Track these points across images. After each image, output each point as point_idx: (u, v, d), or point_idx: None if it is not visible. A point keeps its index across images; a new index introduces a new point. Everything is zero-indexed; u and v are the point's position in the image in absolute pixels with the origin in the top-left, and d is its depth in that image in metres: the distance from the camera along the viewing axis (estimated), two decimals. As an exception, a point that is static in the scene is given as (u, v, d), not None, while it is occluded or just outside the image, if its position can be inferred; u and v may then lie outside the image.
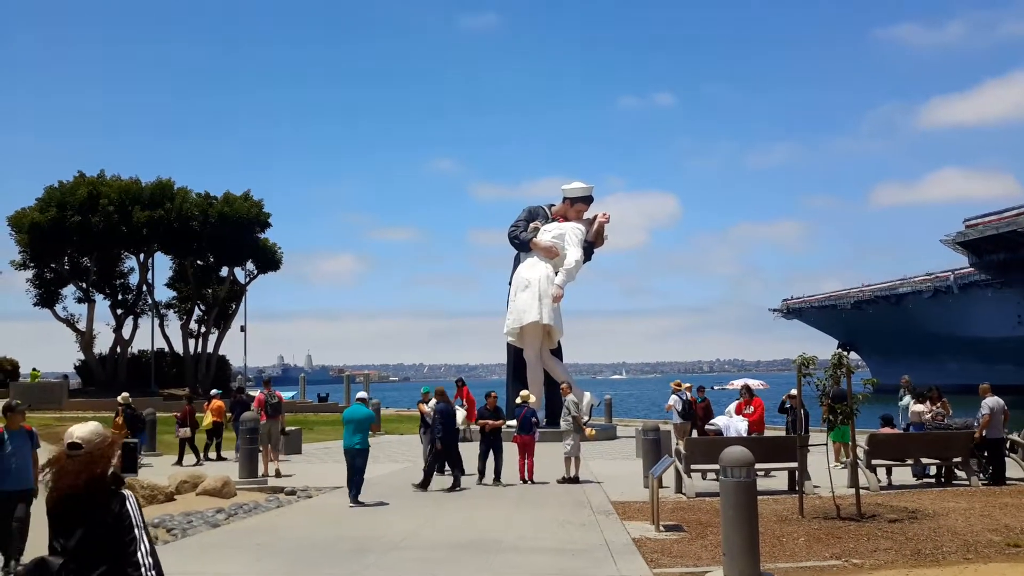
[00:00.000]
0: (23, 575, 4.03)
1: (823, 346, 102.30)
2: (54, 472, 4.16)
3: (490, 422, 16.29)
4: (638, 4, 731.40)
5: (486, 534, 11.10)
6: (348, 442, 14.07)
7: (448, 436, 15.62)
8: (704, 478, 15.35)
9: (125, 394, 22.52)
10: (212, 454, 21.81)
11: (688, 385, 22.46)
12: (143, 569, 3.95)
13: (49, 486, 4.15)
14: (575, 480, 16.04)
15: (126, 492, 4.13)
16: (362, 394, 14.74)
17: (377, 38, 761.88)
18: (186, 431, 21.22)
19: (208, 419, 21.63)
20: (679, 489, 14.64)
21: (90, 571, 3.96)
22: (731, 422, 17.63)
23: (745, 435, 16.57)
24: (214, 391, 24.22)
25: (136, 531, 4.04)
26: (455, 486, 15.30)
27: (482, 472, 16.05)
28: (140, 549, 3.99)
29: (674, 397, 21.67)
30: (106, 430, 4.30)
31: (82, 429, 4.23)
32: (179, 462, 20.44)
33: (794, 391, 15.21)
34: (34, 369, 49.54)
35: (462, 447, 18.59)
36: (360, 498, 13.79)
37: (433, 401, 16.13)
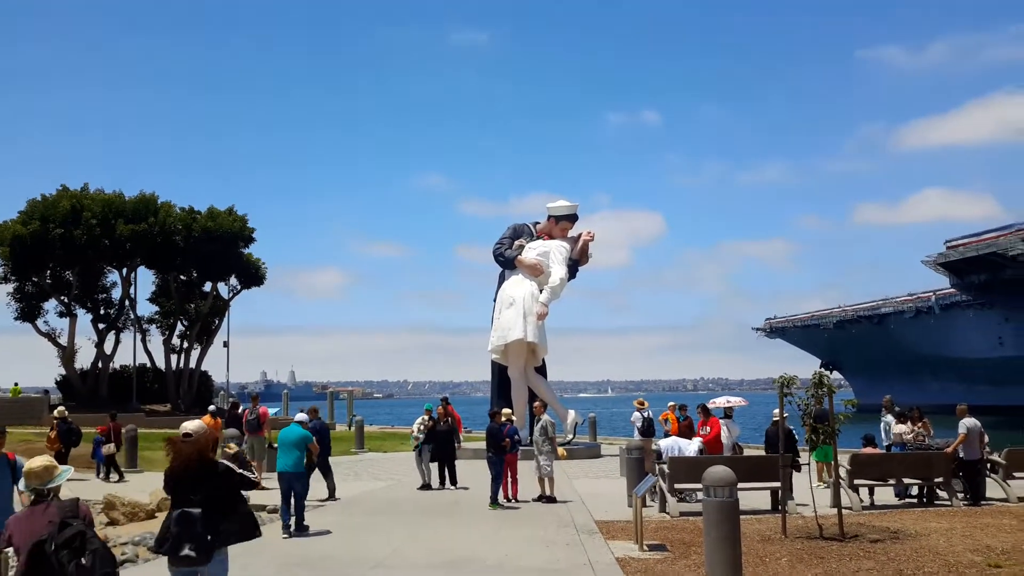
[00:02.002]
0: (174, 522, 5.98)
1: (806, 365, 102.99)
2: (173, 452, 6.25)
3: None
4: (625, 22, 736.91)
5: (470, 553, 11.09)
6: (281, 464, 13.03)
7: (324, 451, 16.03)
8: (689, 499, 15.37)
9: (61, 408, 22.74)
10: None
11: (672, 404, 22.62)
12: (246, 501, 6.46)
13: (169, 460, 6.26)
14: (551, 499, 16.01)
15: (221, 460, 6.48)
16: (301, 416, 13.90)
17: (365, 53, 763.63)
18: (110, 447, 21.12)
19: None
20: (663, 508, 14.67)
21: (216, 510, 6.04)
22: (675, 443, 17.51)
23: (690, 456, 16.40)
24: (211, 407, 24.29)
25: (236, 477, 6.36)
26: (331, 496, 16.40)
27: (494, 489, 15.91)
28: (240, 490, 6.39)
29: (636, 414, 22.25)
30: (205, 425, 6.54)
31: (191, 424, 6.48)
32: (106, 477, 20.50)
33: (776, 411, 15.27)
34: (15, 384, 49.13)
35: (457, 464, 18.73)
36: (340, 515, 13.56)
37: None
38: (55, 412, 21.86)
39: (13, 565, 5.18)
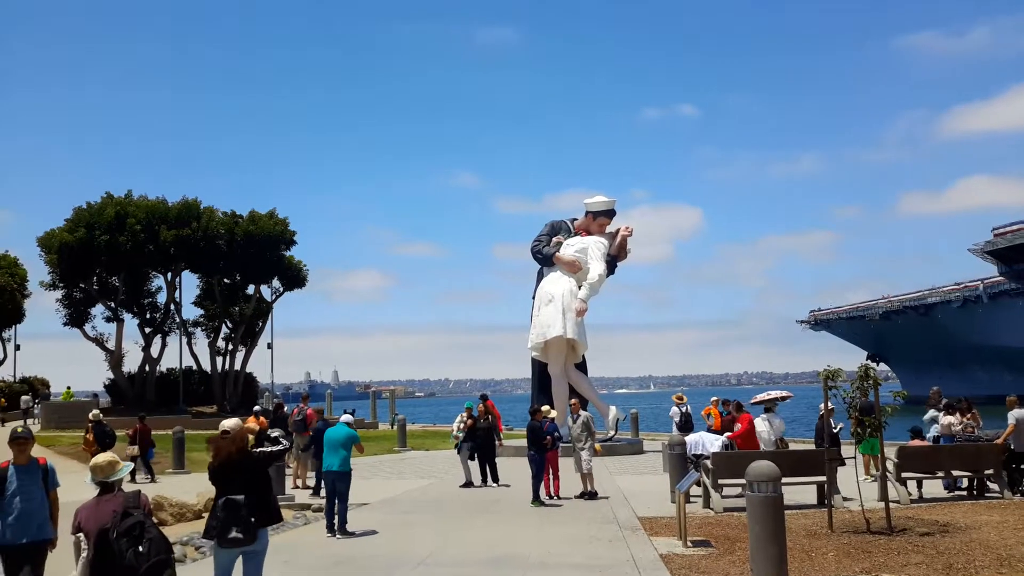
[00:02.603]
0: (220, 508, 6.78)
1: (852, 357, 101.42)
2: (214, 447, 7.18)
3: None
4: (658, 15, 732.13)
5: (513, 550, 11.08)
6: (327, 464, 13.04)
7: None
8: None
9: (96, 411, 23.19)
10: None
11: (716, 399, 22.45)
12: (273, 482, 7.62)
13: (211, 457, 7.18)
14: (593, 495, 15.96)
15: (254, 450, 7.31)
16: (347, 417, 13.83)
17: (395, 53, 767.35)
18: (134, 449, 21.51)
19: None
20: (707, 504, 14.55)
21: (257, 495, 6.88)
22: (700, 438, 17.26)
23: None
24: (256, 408, 24.77)
25: (266, 459, 7.33)
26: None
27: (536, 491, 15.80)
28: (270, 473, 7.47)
29: (674, 409, 22.20)
30: (240, 423, 7.45)
31: (228, 423, 7.34)
32: (132, 479, 20.85)
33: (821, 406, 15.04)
34: (68, 388, 50.16)
35: (499, 461, 18.79)
36: (383, 513, 13.64)
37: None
38: (90, 415, 22.42)
39: (84, 547, 5.98)
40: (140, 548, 5.72)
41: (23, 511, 7.15)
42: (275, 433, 7.92)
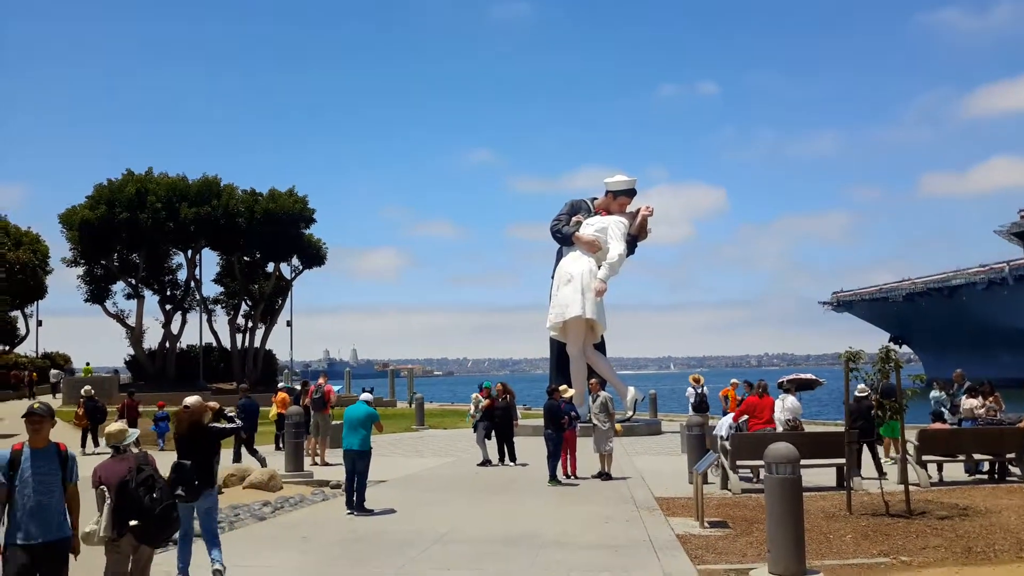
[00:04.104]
0: (172, 470, 8.08)
1: (874, 339, 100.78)
2: (176, 420, 8.82)
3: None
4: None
5: (529, 529, 11.09)
6: (347, 443, 12.89)
7: (250, 428, 18.48)
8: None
9: (88, 387, 24.33)
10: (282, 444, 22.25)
11: (735, 382, 22.36)
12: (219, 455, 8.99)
13: (175, 428, 8.87)
14: (608, 476, 15.94)
15: (211, 424, 8.82)
16: (366, 395, 13.71)
17: (412, 31, 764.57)
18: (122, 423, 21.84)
19: (274, 411, 22.12)
20: (724, 485, 14.50)
21: (206, 461, 8.50)
22: (723, 420, 17.10)
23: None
24: (281, 384, 25.06)
25: (221, 436, 8.92)
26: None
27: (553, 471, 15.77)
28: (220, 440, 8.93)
29: (690, 390, 22.15)
30: (200, 399, 9.10)
31: (190, 399, 9.05)
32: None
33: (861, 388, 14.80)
34: (87, 364, 50.61)
35: (517, 440, 18.82)
36: (401, 491, 13.63)
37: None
38: (83, 391, 23.16)
39: (108, 498, 6.89)
40: (154, 495, 6.93)
41: (39, 505, 6.16)
42: (231, 413, 9.45)
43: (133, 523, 6.83)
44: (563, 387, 17.55)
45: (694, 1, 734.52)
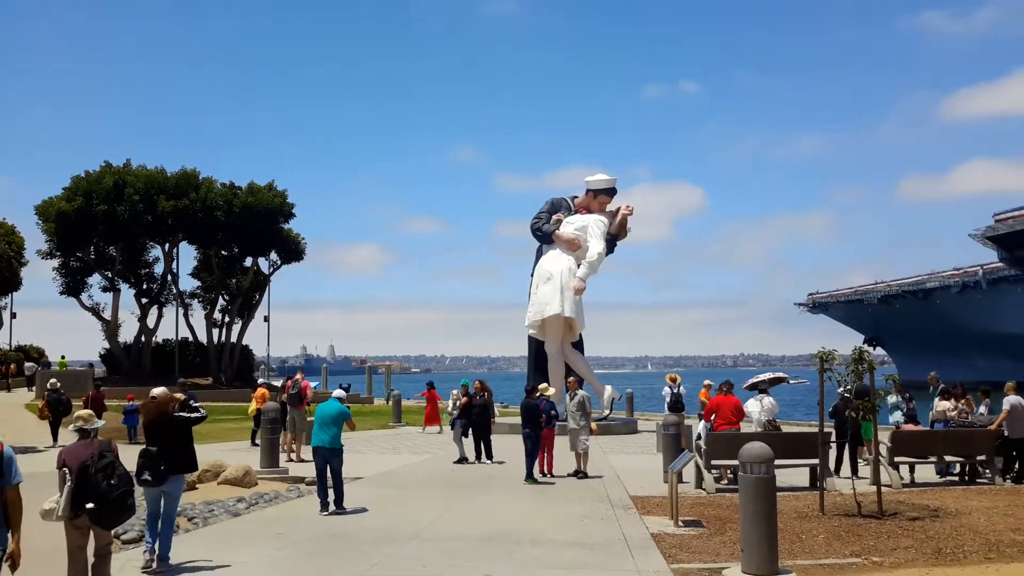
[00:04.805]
0: (139, 456, 8.97)
1: (849, 341, 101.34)
2: (144, 409, 9.88)
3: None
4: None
5: (506, 527, 11.12)
6: (317, 440, 12.57)
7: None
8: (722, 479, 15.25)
9: (53, 380, 24.62)
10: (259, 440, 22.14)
11: (708, 383, 22.47)
12: (193, 446, 9.46)
13: (143, 417, 9.57)
14: (585, 475, 15.98)
15: (176, 414, 9.26)
16: (339, 392, 13.40)
17: (394, 23, 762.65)
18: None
19: (252, 406, 21.98)
20: (699, 484, 14.59)
21: (172, 448, 9.04)
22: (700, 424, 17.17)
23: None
24: (261, 380, 24.97)
25: (187, 424, 9.31)
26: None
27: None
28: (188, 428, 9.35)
29: (665, 389, 22.34)
30: (166, 390, 9.99)
31: (156, 390, 10.11)
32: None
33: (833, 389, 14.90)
34: (62, 357, 50.14)
35: (494, 438, 18.81)
36: (376, 488, 13.57)
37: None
38: (48, 384, 23.25)
39: (68, 480, 7.34)
40: (112, 480, 7.38)
41: None
42: (196, 403, 10.01)
43: (89, 505, 7.31)
44: (543, 385, 17.59)
45: (679, 2, 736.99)
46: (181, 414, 9.34)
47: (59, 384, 24.36)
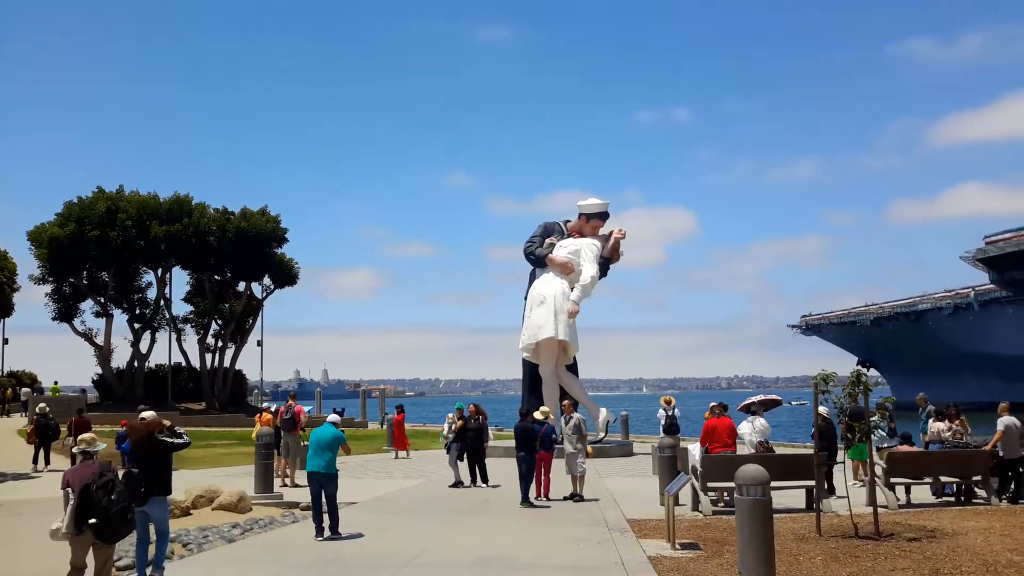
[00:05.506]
0: (122, 477, 8.69)
1: (842, 363, 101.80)
2: (132, 430, 9.90)
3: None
4: (653, 18, 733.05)
5: (502, 551, 11.07)
6: (312, 465, 12.50)
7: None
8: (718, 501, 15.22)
9: (43, 405, 24.64)
10: None
11: (713, 405, 22.47)
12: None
13: (131, 436, 9.65)
14: (581, 498, 15.93)
15: (160, 438, 9.45)
16: (334, 417, 13.48)
17: (390, 51, 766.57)
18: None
19: (257, 430, 21.90)
20: (696, 507, 14.56)
21: (155, 471, 9.24)
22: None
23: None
24: (265, 404, 25.04)
25: (171, 449, 9.58)
26: None
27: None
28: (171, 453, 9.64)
29: (660, 411, 22.35)
30: (154, 413, 10.34)
31: (146, 412, 10.39)
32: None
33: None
34: (55, 383, 49.92)
35: (489, 461, 18.80)
36: (371, 513, 13.50)
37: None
38: (37, 409, 23.29)
39: (71, 498, 7.94)
40: (112, 496, 8.00)
41: None
42: (180, 430, 10.10)
43: (92, 521, 7.90)
44: (545, 408, 17.57)
45: (670, 29, 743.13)
46: (166, 439, 9.62)
47: (48, 409, 24.47)
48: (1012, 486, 15.40)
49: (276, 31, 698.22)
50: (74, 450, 8.71)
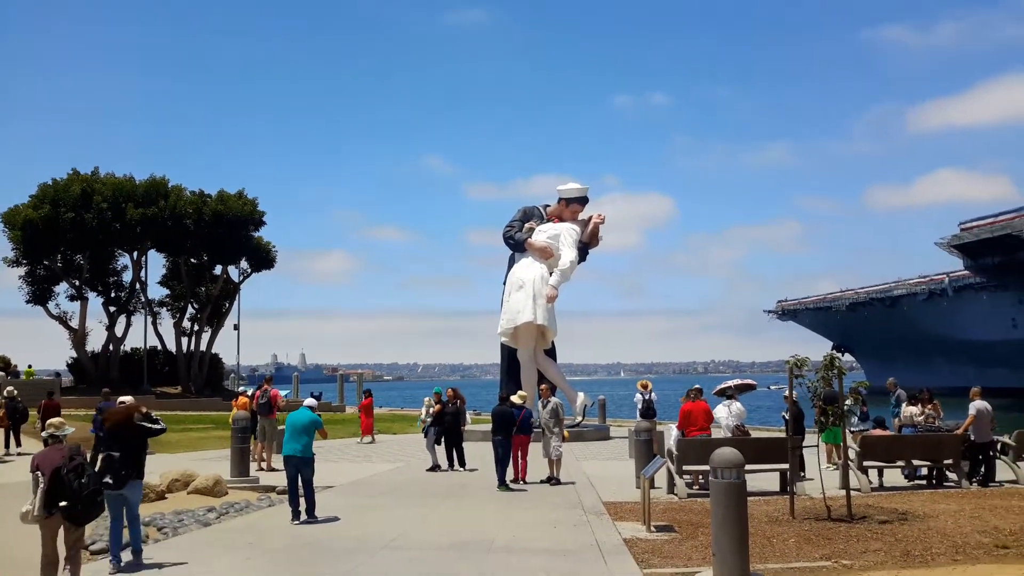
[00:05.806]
0: (101, 461, 9.25)
1: (818, 348, 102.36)
2: (110, 413, 9.82)
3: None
4: (630, 1, 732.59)
5: (478, 534, 11.10)
6: (288, 448, 12.44)
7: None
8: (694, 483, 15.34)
9: (10, 388, 24.77)
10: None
11: (688, 391, 22.64)
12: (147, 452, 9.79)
13: (107, 420, 9.69)
14: (558, 481, 16.02)
15: (140, 423, 9.55)
16: (311, 401, 13.33)
17: (363, 32, 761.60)
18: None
19: (233, 413, 21.81)
20: (671, 490, 14.66)
21: (131, 455, 9.32)
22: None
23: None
24: (241, 388, 24.84)
25: (147, 434, 9.67)
26: None
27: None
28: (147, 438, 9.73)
29: (637, 396, 22.49)
30: (132, 399, 10.51)
31: (125, 397, 10.66)
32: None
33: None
34: (29, 366, 49.42)
35: (467, 445, 18.87)
36: (348, 497, 13.51)
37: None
38: (4, 392, 23.20)
39: (41, 482, 8.02)
40: (83, 480, 8.12)
41: None
42: (155, 415, 10.09)
43: (62, 504, 8.01)
44: (523, 393, 17.62)
45: (647, 14, 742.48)
46: (144, 424, 9.70)
47: (16, 392, 24.45)
48: (983, 469, 15.62)
49: (250, 15, 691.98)
50: (43, 434, 8.89)
